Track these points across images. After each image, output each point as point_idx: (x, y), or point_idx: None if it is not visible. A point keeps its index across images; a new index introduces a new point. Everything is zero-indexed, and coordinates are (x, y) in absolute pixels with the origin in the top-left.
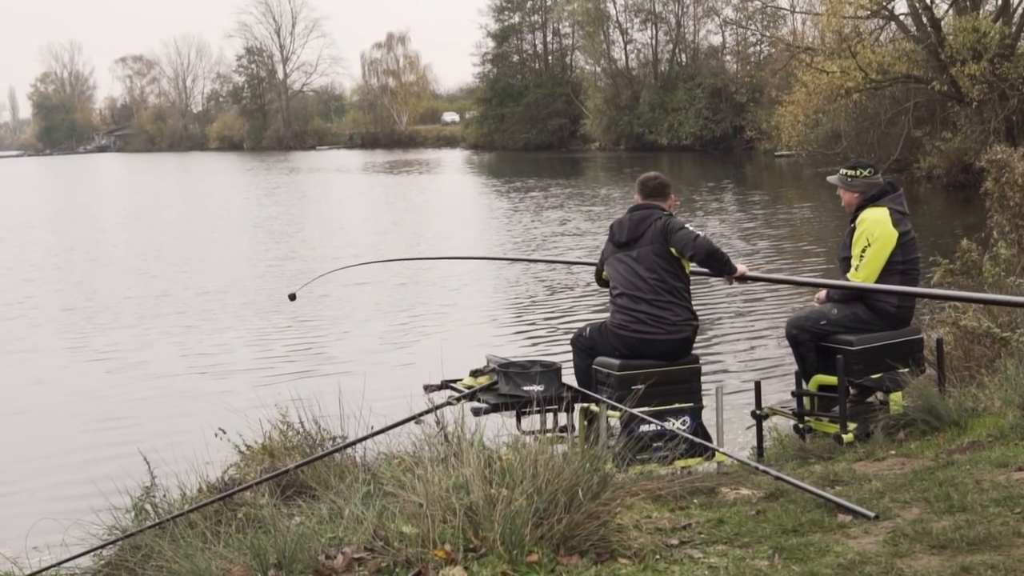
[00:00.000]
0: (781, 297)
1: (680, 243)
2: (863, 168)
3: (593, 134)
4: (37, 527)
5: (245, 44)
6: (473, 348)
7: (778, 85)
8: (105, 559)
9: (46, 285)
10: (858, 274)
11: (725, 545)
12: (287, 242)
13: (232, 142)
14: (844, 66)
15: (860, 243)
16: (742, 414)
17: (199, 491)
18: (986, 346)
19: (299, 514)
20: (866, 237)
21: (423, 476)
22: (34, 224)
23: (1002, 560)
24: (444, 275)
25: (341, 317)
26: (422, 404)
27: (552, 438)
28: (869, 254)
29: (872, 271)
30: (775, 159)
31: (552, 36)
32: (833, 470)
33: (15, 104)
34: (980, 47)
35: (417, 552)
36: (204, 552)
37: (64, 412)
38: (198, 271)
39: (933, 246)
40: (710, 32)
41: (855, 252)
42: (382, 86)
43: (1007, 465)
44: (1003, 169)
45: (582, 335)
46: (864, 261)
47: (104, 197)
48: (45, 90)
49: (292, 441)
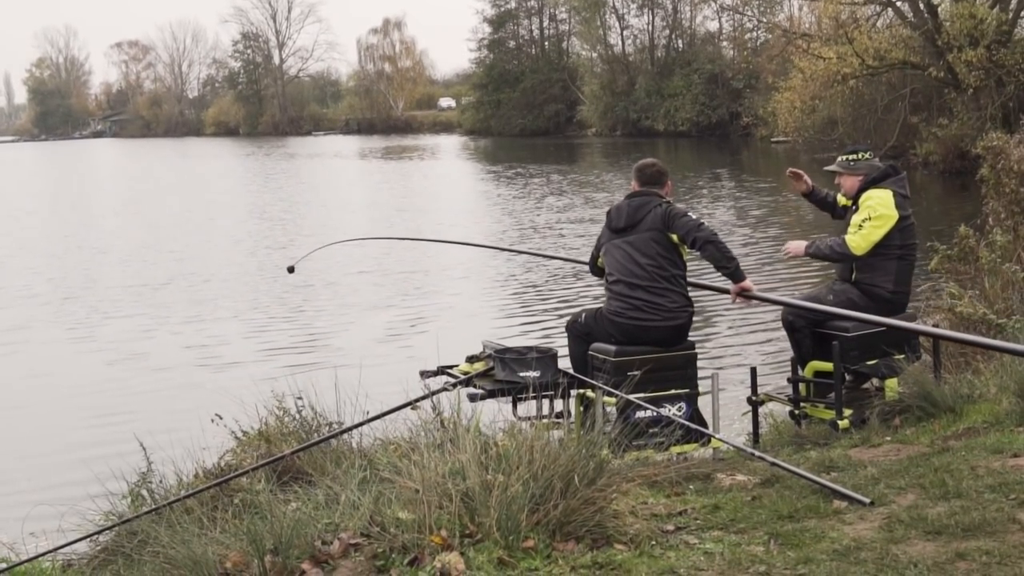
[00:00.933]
0: (778, 284)
1: (683, 229)
2: (862, 151)
3: (589, 120)
4: (34, 513)
5: (241, 29)
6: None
7: (775, 71)
8: (102, 545)
9: (43, 273)
10: (853, 239)
11: (721, 531)
12: (285, 228)
13: (228, 128)
14: (841, 52)
15: (862, 215)
16: (738, 400)
17: (195, 477)
18: (982, 333)
19: (295, 500)
20: (868, 211)
21: (419, 462)
22: (30, 211)
23: (996, 546)
24: (441, 262)
25: (338, 304)
26: (418, 390)
27: (548, 424)
28: (868, 226)
29: (867, 243)
30: (771, 145)
31: (548, 22)
32: (829, 456)
33: (10, 89)
34: (977, 33)
35: (413, 538)
36: (200, 538)
37: (60, 399)
38: (195, 259)
39: (930, 232)
40: (707, 18)
41: (855, 221)
42: (378, 71)
43: (1002, 451)
44: (999, 156)
45: (577, 321)
46: (863, 231)
47: (101, 183)
48: (40, 75)
49: (288, 427)
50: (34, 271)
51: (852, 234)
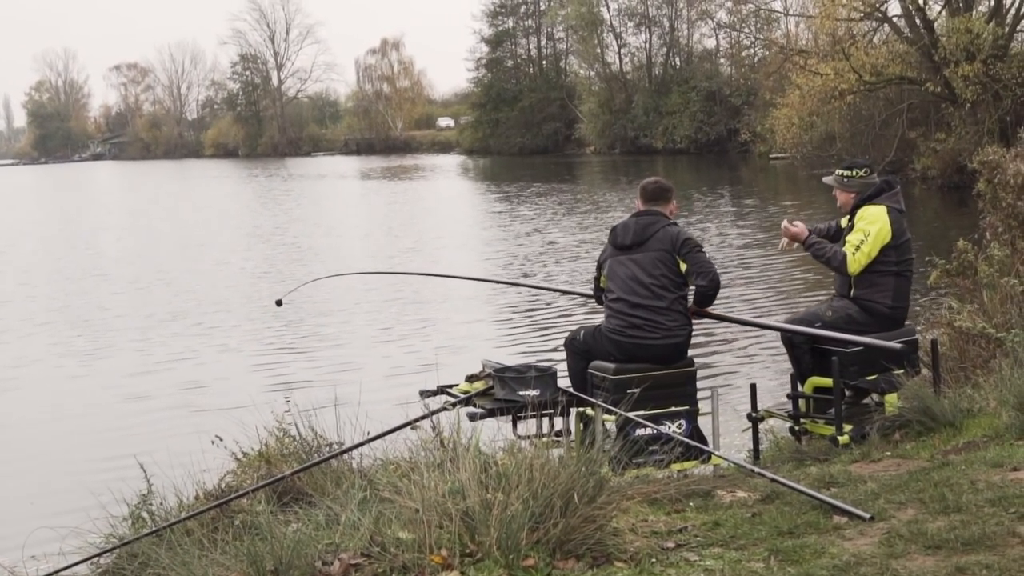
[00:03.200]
0: (776, 301)
1: (696, 263)
2: (859, 168)
3: (588, 138)
4: (35, 536)
5: (239, 51)
6: (469, 353)
7: (772, 88)
8: (102, 567)
9: (43, 295)
10: (853, 258)
11: (721, 548)
12: (284, 251)
13: (227, 149)
14: (838, 68)
15: (858, 235)
16: (738, 417)
17: (196, 498)
18: (981, 346)
19: (296, 520)
20: (863, 232)
21: (419, 481)
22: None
23: (997, 560)
24: (440, 281)
25: (337, 324)
26: (418, 410)
27: (548, 442)
28: (864, 247)
29: (864, 262)
30: (770, 162)
31: (546, 41)
32: (829, 472)
33: (10, 113)
34: (973, 48)
35: (414, 557)
36: (201, 559)
37: (61, 421)
38: (196, 280)
39: (928, 247)
40: (704, 35)
41: (852, 241)
42: (377, 92)
43: (1002, 465)
44: (995, 170)
45: (576, 338)
46: (861, 251)
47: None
48: (40, 98)
49: (289, 448)
50: (33, 294)
51: (852, 254)
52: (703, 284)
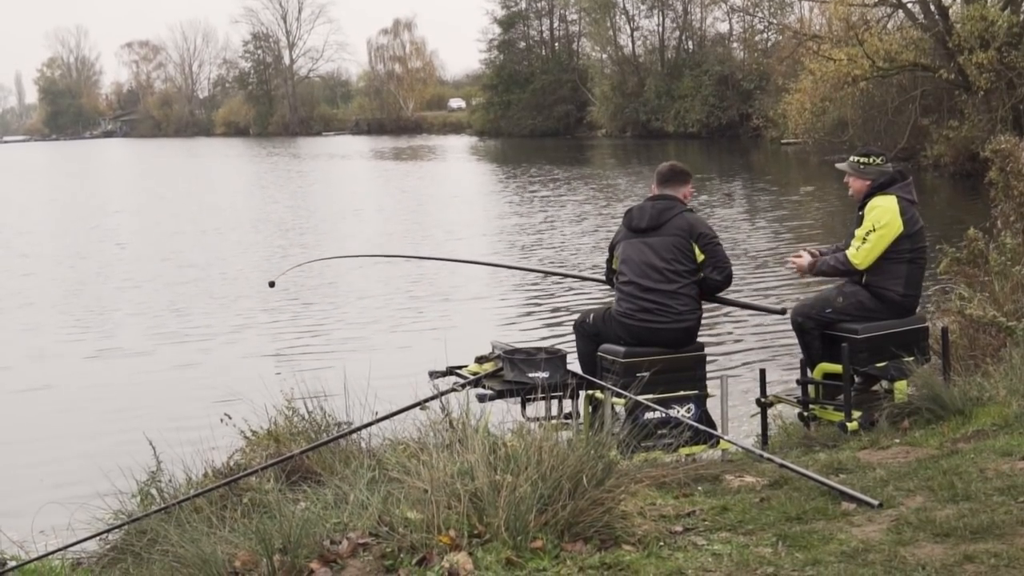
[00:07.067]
0: (786, 286)
1: (714, 256)
2: (875, 156)
3: (599, 121)
4: (43, 511)
5: (251, 30)
6: (479, 335)
7: (785, 73)
8: (111, 543)
9: (54, 270)
10: (857, 255)
11: (729, 532)
12: (294, 231)
13: (238, 128)
14: (851, 54)
15: (866, 227)
16: (747, 402)
17: (205, 476)
18: (991, 335)
19: (304, 499)
20: (873, 223)
21: (428, 462)
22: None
23: (1005, 548)
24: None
25: (347, 304)
26: (427, 390)
27: (557, 425)
28: (872, 239)
29: (871, 257)
30: (782, 147)
31: (559, 23)
32: (837, 458)
33: (21, 89)
34: (988, 36)
35: (422, 538)
36: (209, 537)
37: (70, 398)
38: (206, 259)
39: (940, 235)
40: (717, 19)
41: (859, 235)
42: (388, 72)
43: (1011, 454)
44: (1007, 159)
45: (586, 321)
46: (866, 245)
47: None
48: (51, 75)
49: (297, 427)
50: (44, 268)
51: (856, 248)
52: (717, 279)
